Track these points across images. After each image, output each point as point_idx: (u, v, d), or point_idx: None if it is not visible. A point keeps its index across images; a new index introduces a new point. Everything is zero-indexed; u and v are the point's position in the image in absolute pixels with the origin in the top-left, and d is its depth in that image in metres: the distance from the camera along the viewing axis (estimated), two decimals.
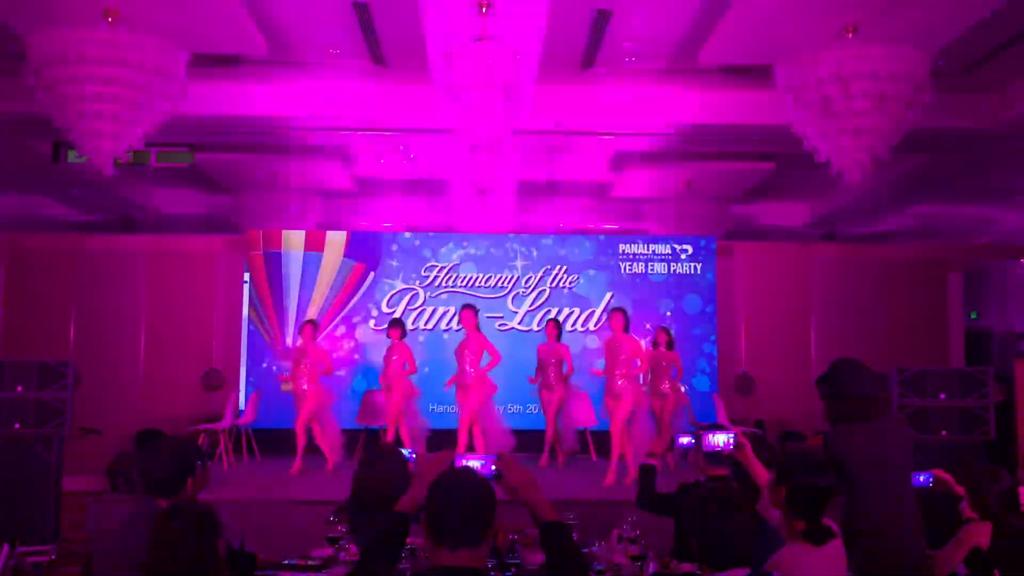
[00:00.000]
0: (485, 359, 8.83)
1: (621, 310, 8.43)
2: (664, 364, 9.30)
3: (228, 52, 7.82)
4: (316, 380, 8.89)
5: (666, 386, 9.22)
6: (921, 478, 4.19)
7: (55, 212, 12.47)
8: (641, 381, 8.50)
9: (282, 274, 11.02)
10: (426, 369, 9.89)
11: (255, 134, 9.29)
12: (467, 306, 9.07)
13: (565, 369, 9.13)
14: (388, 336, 9.18)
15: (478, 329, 8.92)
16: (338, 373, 10.00)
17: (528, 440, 9.32)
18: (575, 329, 10.88)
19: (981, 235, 12.99)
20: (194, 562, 2.73)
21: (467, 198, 10.86)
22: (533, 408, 10.05)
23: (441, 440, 9.05)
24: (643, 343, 9.26)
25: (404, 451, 3.94)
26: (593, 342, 10.76)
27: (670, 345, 9.37)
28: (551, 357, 9.14)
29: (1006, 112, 8.41)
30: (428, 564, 2.38)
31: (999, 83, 8.24)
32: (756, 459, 3.79)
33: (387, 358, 9.07)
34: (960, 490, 4.20)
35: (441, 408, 10.17)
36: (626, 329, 8.31)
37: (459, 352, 8.88)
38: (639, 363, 8.36)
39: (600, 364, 9.01)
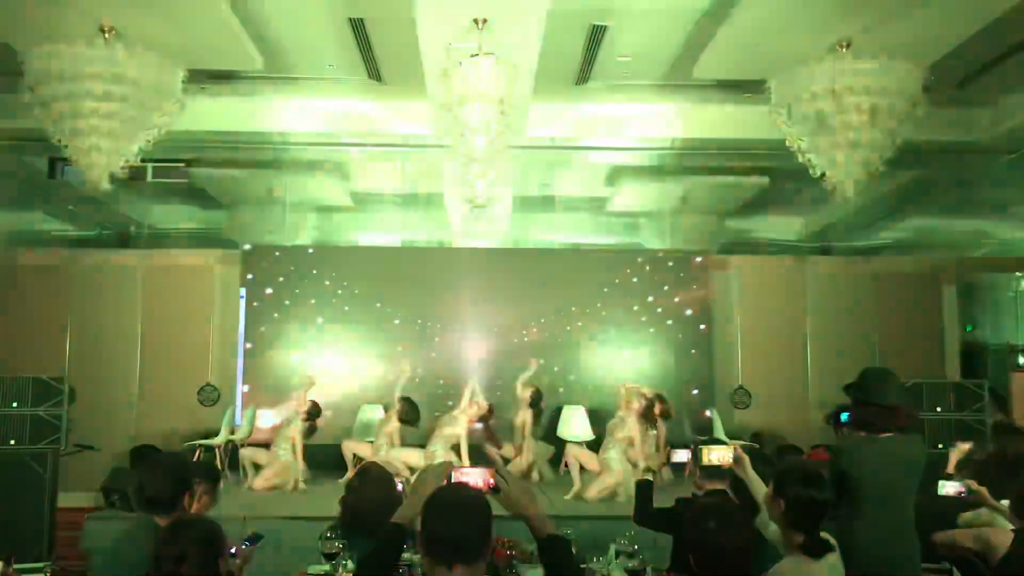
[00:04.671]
0: None
1: None
2: None
3: (225, 68, 7.85)
4: None
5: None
6: (948, 488, 4.17)
7: (51, 228, 12.46)
8: None
9: None
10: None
11: (252, 149, 9.29)
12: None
13: None
14: None
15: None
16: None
17: None
18: None
19: (975, 248, 13.03)
20: None
21: (463, 214, 10.86)
22: None
23: None
24: None
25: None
26: None
27: None
28: None
29: (998, 126, 8.46)
30: None
31: (991, 97, 8.29)
32: (754, 473, 3.77)
33: None
34: (992, 503, 4.17)
35: None
36: None
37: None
38: None
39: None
